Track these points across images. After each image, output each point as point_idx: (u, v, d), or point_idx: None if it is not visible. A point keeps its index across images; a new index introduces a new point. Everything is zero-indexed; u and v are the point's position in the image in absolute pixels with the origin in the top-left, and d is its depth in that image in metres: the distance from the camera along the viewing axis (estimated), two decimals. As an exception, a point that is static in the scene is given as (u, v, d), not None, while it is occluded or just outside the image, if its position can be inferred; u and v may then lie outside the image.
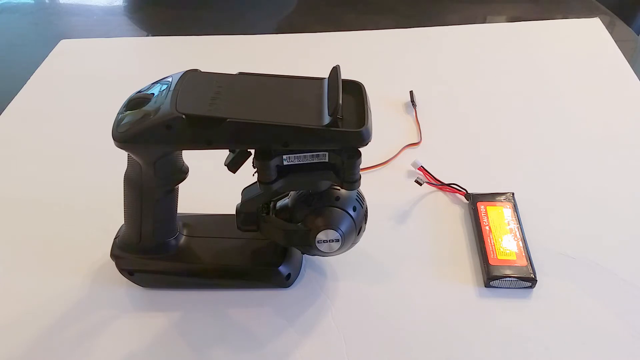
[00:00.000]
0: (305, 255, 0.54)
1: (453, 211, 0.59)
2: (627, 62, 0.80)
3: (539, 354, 0.46)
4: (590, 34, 0.87)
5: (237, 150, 0.44)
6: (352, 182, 0.42)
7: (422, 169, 0.62)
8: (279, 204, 0.48)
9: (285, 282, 0.51)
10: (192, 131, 0.40)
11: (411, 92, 0.75)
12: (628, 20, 0.97)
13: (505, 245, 0.53)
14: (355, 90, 0.43)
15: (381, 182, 0.62)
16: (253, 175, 0.43)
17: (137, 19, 1.08)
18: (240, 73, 0.45)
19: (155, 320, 0.50)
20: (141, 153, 0.44)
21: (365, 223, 0.48)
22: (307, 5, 1.08)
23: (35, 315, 0.51)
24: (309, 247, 0.46)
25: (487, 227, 0.55)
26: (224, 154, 0.45)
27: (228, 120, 0.40)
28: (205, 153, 0.42)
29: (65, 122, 0.75)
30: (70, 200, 0.63)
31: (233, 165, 0.44)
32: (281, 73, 0.45)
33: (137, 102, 0.43)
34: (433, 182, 0.61)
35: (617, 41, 0.84)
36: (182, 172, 0.47)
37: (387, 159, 0.65)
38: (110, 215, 0.53)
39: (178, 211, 0.51)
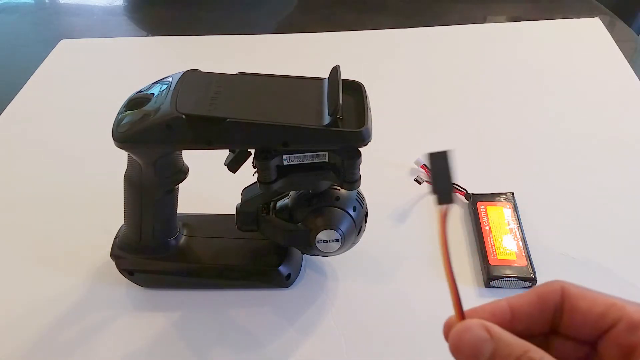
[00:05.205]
0: (305, 255, 0.54)
1: (453, 211, 0.59)
2: (627, 62, 0.80)
3: (539, 354, 0.46)
4: (590, 34, 0.87)
5: (237, 150, 0.44)
6: (352, 182, 0.42)
7: (424, 167, 0.62)
8: (279, 204, 0.48)
9: (285, 282, 0.51)
10: (192, 131, 0.40)
11: None
12: (628, 20, 0.97)
13: (505, 245, 0.53)
14: (355, 90, 0.43)
15: (381, 182, 0.62)
16: (253, 175, 0.43)
17: (137, 19, 1.08)
18: (240, 73, 0.45)
19: (155, 320, 0.50)
20: (141, 153, 0.44)
21: (365, 223, 0.48)
22: (307, 5, 1.08)
23: (35, 315, 0.51)
24: (309, 247, 0.46)
25: (487, 227, 0.55)
26: (224, 154, 0.45)
27: (228, 120, 0.40)
28: (205, 153, 0.42)
29: (65, 122, 0.75)
30: (70, 200, 0.63)
31: (233, 165, 0.44)
32: (281, 73, 0.45)
33: (137, 102, 0.43)
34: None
35: (617, 41, 0.84)
36: (182, 172, 0.47)
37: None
38: (110, 215, 0.53)
39: (178, 211, 0.51)
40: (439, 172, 0.26)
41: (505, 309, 0.26)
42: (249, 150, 0.43)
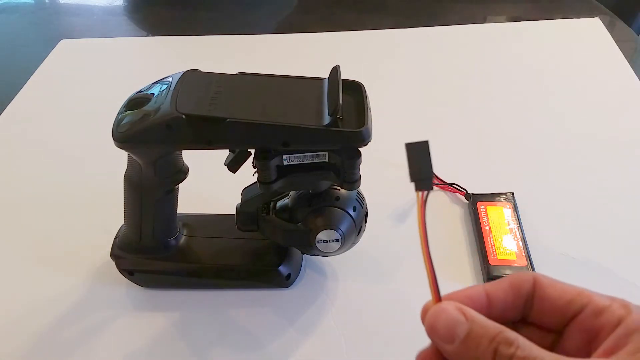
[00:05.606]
0: (305, 255, 0.54)
1: (453, 211, 0.59)
2: (627, 62, 0.80)
3: (539, 354, 0.46)
4: (590, 34, 0.87)
5: (237, 150, 0.44)
6: (352, 182, 0.42)
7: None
8: (279, 204, 0.48)
9: (285, 282, 0.51)
10: (192, 131, 0.40)
11: None
12: (628, 20, 0.97)
13: (505, 245, 0.53)
14: (355, 90, 0.43)
15: (381, 182, 0.62)
16: (253, 175, 0.43)
17: (137, 19, 1.08)
18: (240, 73, 0.45)
19: (155, 320, 0.50)
20: (141, 153, 0.44)
21: (365, 223, 0.48)
22: (307, 5, 1.08)
23: (35, 315, 0.51)
24: (309, 247, 0.46)
25: (487, 227, 0.55)
26: (224, 154, 0.45)
27: (228, 120, 0.40)
28: (205, 153, 0.42)
29: (65, 122, 0.75)
30: (70, 200, 0.63)
31: (233, 165, 0.44)
32: (281, 73, 0.45)
33: (137, 102, 0.43)
34: (433, 181, 0.61)
35: (617, 41, 0.84)
36: (182, 172, 0.47)
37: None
38: (110, 215, 0.53)
39: (178, 211, 0.51)
40: (416, 160, 0.27)
41: (481, 294, 0.27)
42: (249, 150, 0.43)
